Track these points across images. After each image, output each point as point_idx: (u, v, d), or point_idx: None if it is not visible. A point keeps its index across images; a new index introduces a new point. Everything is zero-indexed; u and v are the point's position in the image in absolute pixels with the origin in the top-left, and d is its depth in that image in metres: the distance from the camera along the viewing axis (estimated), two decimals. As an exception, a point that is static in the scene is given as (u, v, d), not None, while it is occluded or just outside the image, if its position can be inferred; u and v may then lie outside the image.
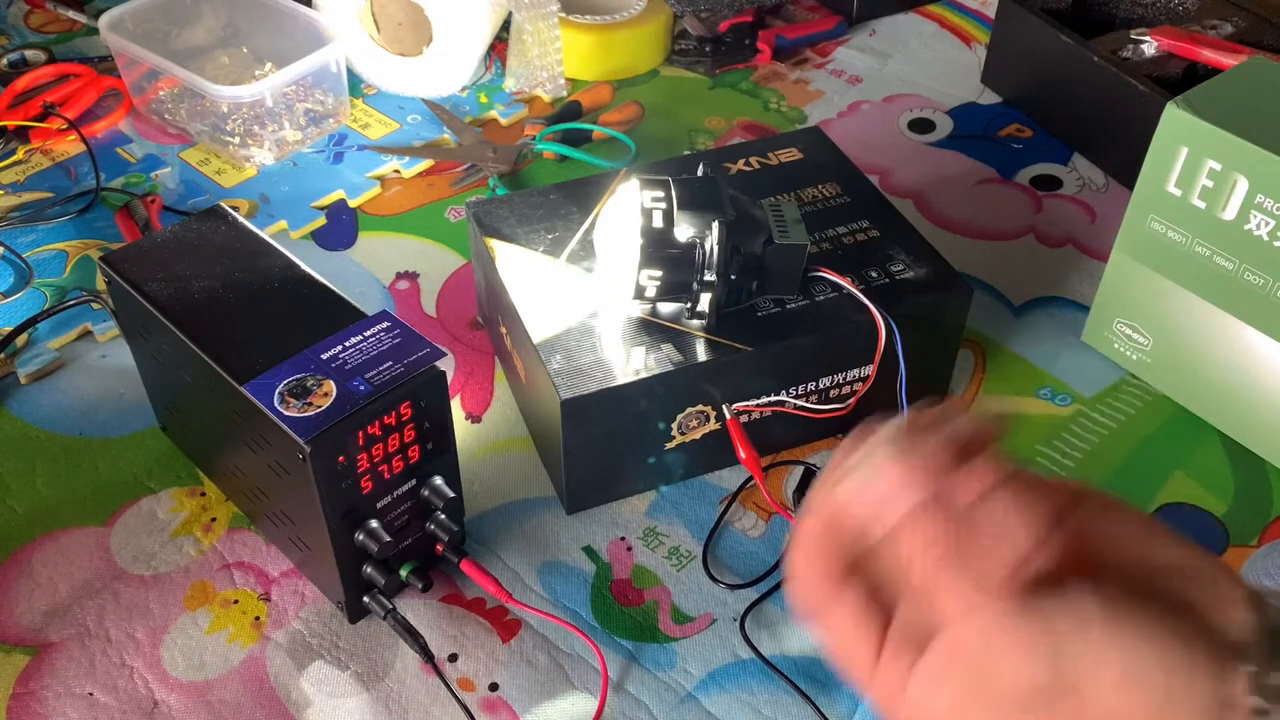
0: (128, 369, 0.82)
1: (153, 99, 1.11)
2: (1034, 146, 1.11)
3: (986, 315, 0.92)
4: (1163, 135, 0.77)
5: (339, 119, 1.11)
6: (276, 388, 0.62)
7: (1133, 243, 0.82)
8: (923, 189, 1.05)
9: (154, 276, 0.71)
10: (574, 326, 0.75)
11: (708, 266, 0.72)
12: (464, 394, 0.85)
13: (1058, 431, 0.83)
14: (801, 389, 0.77)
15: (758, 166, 0.89)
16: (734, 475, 0.80)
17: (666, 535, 0.76)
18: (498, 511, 0.77)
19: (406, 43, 1.16)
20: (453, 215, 1.02)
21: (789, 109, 1.16)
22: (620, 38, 1.18)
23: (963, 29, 1.29)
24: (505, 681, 0.68)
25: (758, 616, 0.72)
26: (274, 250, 0.72)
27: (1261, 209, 0.73)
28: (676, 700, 0.68)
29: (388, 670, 0.69)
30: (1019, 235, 1.01)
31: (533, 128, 1.09)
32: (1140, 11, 1.16)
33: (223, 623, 0.71)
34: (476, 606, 0.72)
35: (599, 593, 0.73)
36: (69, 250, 0.97)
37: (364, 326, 0.66)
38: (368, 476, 0.64)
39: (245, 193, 1.04)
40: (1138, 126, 0.86)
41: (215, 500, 0.78)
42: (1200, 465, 0.81)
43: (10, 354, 0.87)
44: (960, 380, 0.87)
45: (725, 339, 0.74)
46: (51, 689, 0.67)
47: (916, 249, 0.81)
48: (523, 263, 0.80)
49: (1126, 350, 0.87)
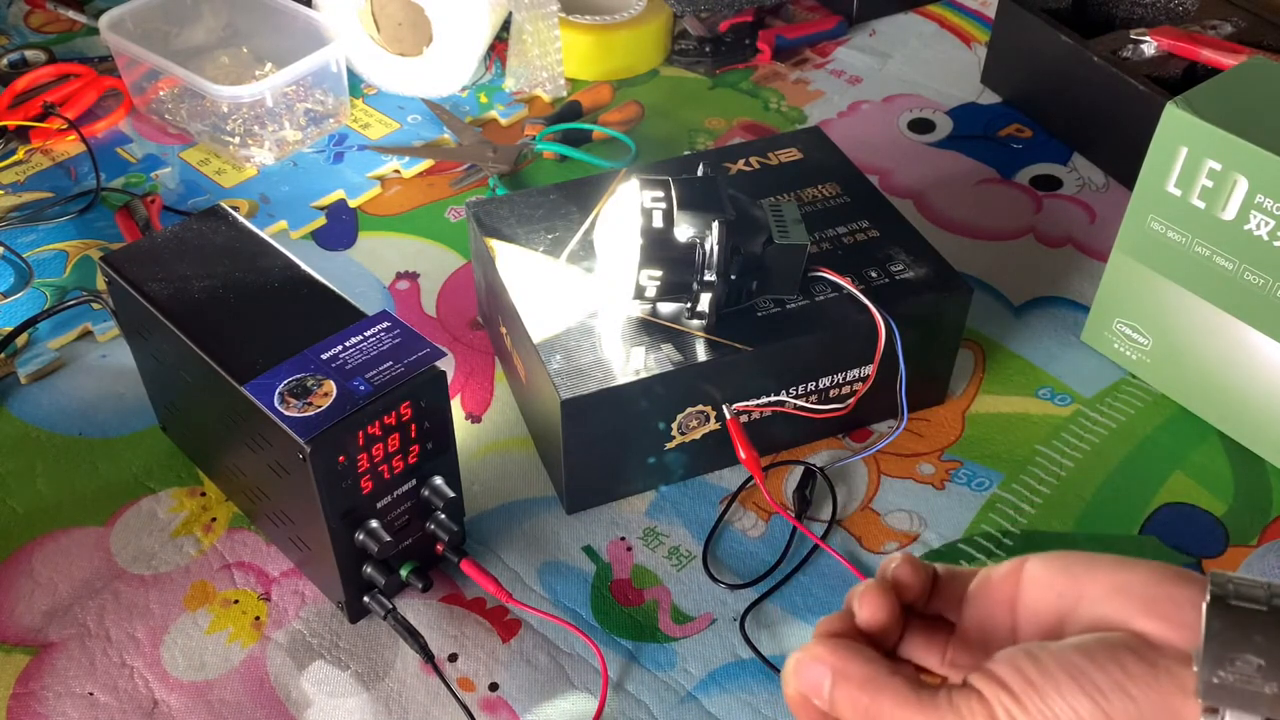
0: (128, 369, 0.82)
1: (153, 99, 1.11)
2: (1034, 146, 1.11)
3: (986, 315, 0.92)
4: (1163, 135, 0.77)
5: (339, 119, 1.11)
6: (276, 388, 0.62)
7: (1133, 243, 0.82)
8: (923, 189, 1.05)
9: (154, 276, 0.71)
10: (574, 326, 0.75)
11: (708, 266, 0.72)
12: (464, 394, 0.85)
13: (1057, 431, 0.83)
14: (801, 389, 0.77)
15: (758, 166, 0.89)
16: (734, 475, 0.80)
17: (666, 535, 0.76)
18: (498, 511, 0.77)
19: (406, 43, 1.16)
20: (453, 215, 1.02)
21: (789, 109, 1.16)
22: (620, 38, 1.18)
23: (963, 29, 1.29)
24: (505, 681, 0.68)
25: (758, 616, 0.72)
26: (274, 250, 0.72)
27: (1261, 209, 0.73)
28: (676, 700, 0.68)
29: (388, 670, 0.69)
30: (1019, 235, 1.01)
31: (533, 128, 1.09)
32: (1140, 11, 1.16)
33: (223, 623, 0.71)
34: (476, 606, 0.72)
35: (599, 593, 0.73)
36: (69, 250, 0.97)
37: (364, 326, 0.66)
38: (368, 476, 0.64)
39: (245, 193, 1.04)
40: (1138, 126, 0.86)
41: (215, 500, 0.78)
42: (1200, 465, 0.81)
43: (10, 354, 0.87)
44: (960, 380, 0.87)
45: (725, 339, 0.74)
46: (51, 689, 0.67)
47: (916, 249, 0.81)
48: (523, 263, 0.80)
49: (1126, 350, 0.87)
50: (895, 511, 0.78)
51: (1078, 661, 0.34)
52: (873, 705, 0.36)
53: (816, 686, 0.38)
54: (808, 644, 0.39)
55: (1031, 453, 0.82)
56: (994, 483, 0.80)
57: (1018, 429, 0.83)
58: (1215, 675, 0.32)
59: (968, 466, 0.81)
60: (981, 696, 0.35)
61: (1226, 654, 0.32)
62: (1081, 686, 0.33)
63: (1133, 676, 0.33)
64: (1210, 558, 0.75)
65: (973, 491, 0.79)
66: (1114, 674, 0.33)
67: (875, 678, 0.37)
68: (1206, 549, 0.76)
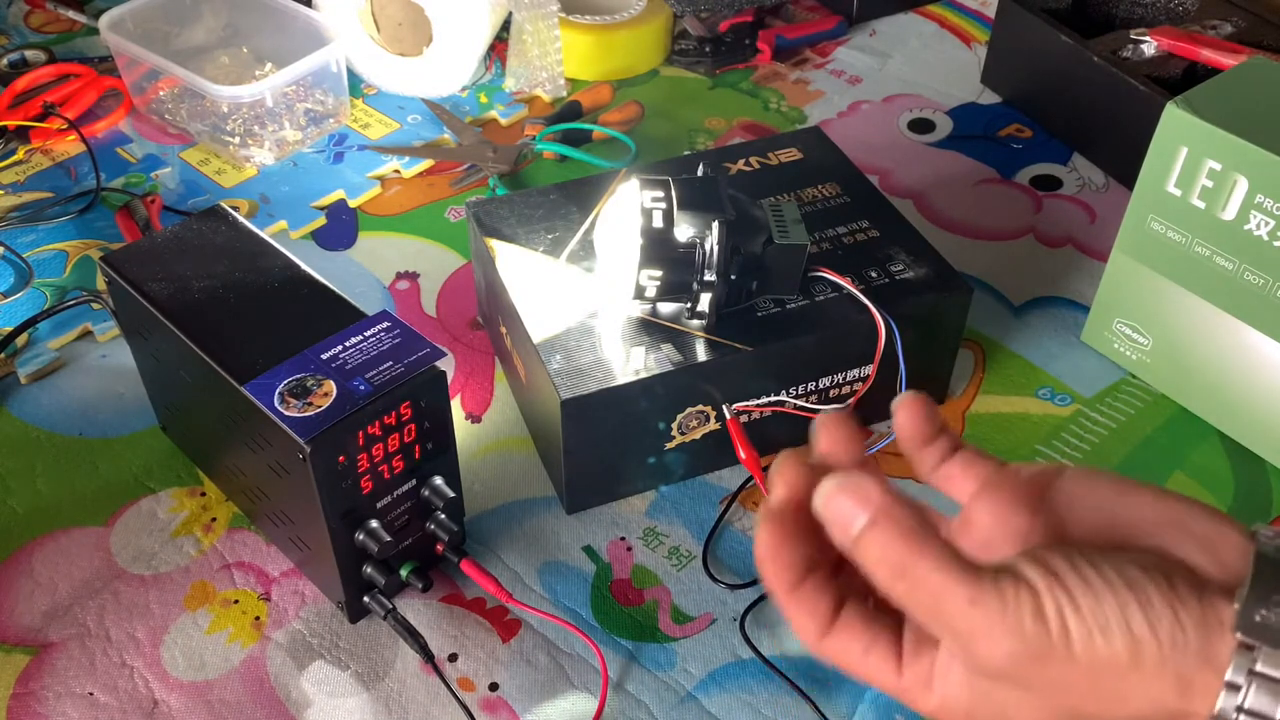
0: (128, 369, 0.82)
1: (153, 99, 1.11)
2: (1034, 146, 1.11)
3: (986, 315, 0.92)
4: (1163, 135, 0.77)
5: (339, 119, 1.11)
6: (276, 388, 0.62)
7: (1133, 243, 0.82)
8: (923, 189, 1.05)
9: (154, 276, 0.71)
10: (574, 326, 0.75)
11: (708, 266, 0.72)
12: (464, 394, 0.85)
13: (1057, 431, 0.83)
14: (801, 389, 0.77)
15: (758, 166, 0.89)
16: (734, 475, 0.80)
17: (666, 535, 0.76)
18: (498, 511, 0.78)
19: (406, 43, 1.16)
20: (453, 215, 1.02)
21: (789, 109, 1.16)
22: (620, 38, 1.18)
23: (963, 29, 1.29)
24: (505, 681, 0.68)
25: (758, 616, 0.72)
26: (274, 250, 0.72)
27: (1261, 209, 0.73)
28: (676, 700, 0.68)
29: (388, 670, 0.69)
30: (1019, 235, 1.01)
31: (533, 128, 1.09)
32: (1140, 11, 1.16)
33: (223, 623, 0.71)
34: (476, 606, 0.72)
35: (599, 593, 0.73)
36: (69, 250, 0.97)
37: (364, 326, 0.66)
38: (368, 476, 0.64)
39: (245, 193, 1.04)
40: (1138, 126, 0.86)
41: (215, 500, 0.78)
42: (1200, 465, 0.81)
43: (10, 354, 0.87)
44: (960, 380, 0.87)
45: (725, 339, 0.74)
46: (51, 689, 0.67)
47: (916, 249, 0.81)
48: (523, 263, 0.80)
49: (1126, 350, 0.87)
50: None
51: (1135, 574, 0.34)
52: (908, 559, 0.34)
53: (847, 520, 0.34)
54: (851, 473, 0.35)
55: (1031, 453, 0.82)
56: (994, 483, 0.79)
57: (1018, 429, 0.83)
58: (1258, 613, 0.33)
59: (968, 466, 0.81)
60: (1031, 586, 0.33)
61: (1270, 594, 0.33)
62: (1136, 598, 0.33)
63: (1184, 601, 0.33)
64: (1210, 558, 0.75)
65: (973, 491, 0.79)
66: (1167, 594, 0.33)
67: (919, 531, 0.34)
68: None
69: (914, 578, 0.34)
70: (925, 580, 0.34)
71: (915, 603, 0.35)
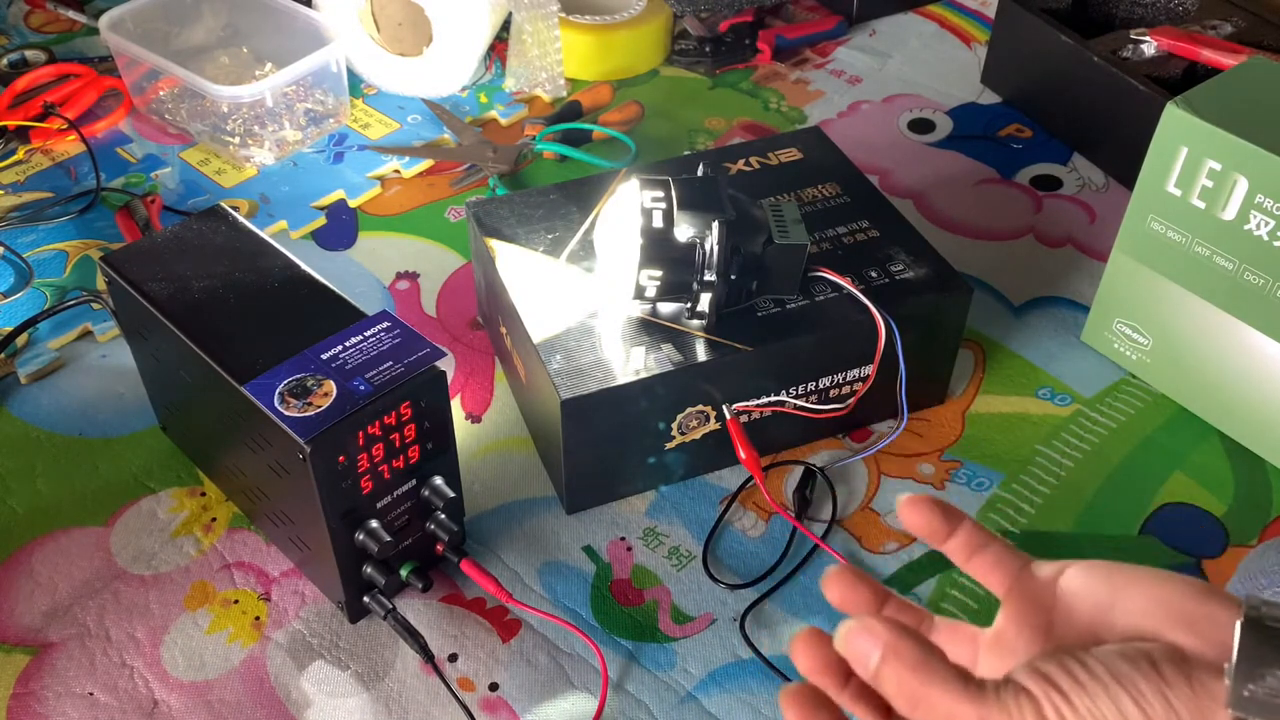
0: (128, 369, 0.82)
1: (153, 99, 1.11)
2: (1034, 146, 1.11)
3: (986, 315, 0.92)
4: (1163, 135, 0.77)
5: (339, 119, 1.11)
6: (276, 388, 0.62)
7: (1133, 243, 0.82)
8: (923, 189, 1.05)
9: (154, 276, 0.71)
10: (574, 326, 0.75)
11: (708, 266, 0.72)
12: (464, 394, 0.85)
13: (1057, 431, 0.83)
14: (801, 389, 0.77)
15: (758, 166, 0.89)
16: (734, 475, 0.80)
17: (666, 535, 0.76)
18: (498, 511, 0.77)
19: (406, 43, 1.16)
20: (453, 215, 1.02)
21: (789, 109, 1.16)
22: (620, 38, 1.18)
23: (963, 29, 1.29)
24: (505, 681, 0.68)
25: (758, 616, 0.72)
26: (274, 250, 0.72)
27: (1261, 209, 0.73)
28: (676, 700, 0.68)
29: (388, 670, 0.69)
30: (1019, 235, 1.01)
31: (533, 128, 1.09)
32: (1140, 11, 1.16)
33: (223, 623, 0.71)
34: (476, 606, 0.72)
35: (599, 593, 0.73)
36: (69, 250, 0.97)
37: (364, 326, 0.66)
38: (368, 476, 0.64)
39: (245, 193, 1.04)
40: (1138, 126, 0.86)
41: (215, 500, 0.78)
42: (1200, 465, 0.81)
43: (10, 354, 0.87)
44: (960, 380, 0.87)
45: (725, 339, 0.74)
46: (52, 689, 0.67)
47: (916, 249, 0.81)
48: (523, 263, 0.80)
49: (1126, 350, 0.87)
50: (895, 512, 0.78)
51: (1123, 667, 0.36)
52: (920, 689, 0.37)
53: (864, 657, 0.38)
54: (863, 617, 0.39)
55: (1031, 453, 0.82)
56: (994, 483, 0.80)
57: (1018, 429, 0.83)
58: (1246, 688, 0.34)
59: (968, 467, 0.81)
60: (1030, 694, 0.36)
61: (1256, 669, 0.34)
62: (1127, 690, 0.35)
63: (1171, 684, 0.35)
64: (1210, 558, 0.75)
65: (973, 491, 0.79)
66: (1155, 681, 0.35)
67: (927, 662, 0.37)
68: (1206, 549, 0.76)
69: (928, 704, 0.37)
70: (937, 705, 0.37)
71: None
